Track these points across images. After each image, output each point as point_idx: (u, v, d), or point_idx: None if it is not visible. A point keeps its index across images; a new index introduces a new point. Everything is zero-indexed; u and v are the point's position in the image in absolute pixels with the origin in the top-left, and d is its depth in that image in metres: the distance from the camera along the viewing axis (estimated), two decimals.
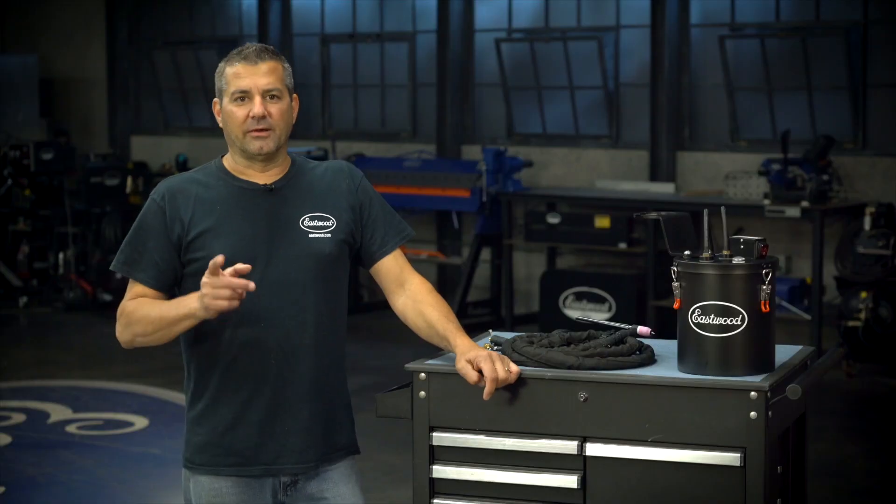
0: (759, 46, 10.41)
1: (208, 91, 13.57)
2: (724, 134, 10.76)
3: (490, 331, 3.52)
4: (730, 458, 3.03)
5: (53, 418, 8.16)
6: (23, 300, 12.29)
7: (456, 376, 3.23)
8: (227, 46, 13.35)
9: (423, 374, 3.26)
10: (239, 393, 3.38)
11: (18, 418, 8.15)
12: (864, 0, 10.07)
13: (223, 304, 3.18)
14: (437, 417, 3.25)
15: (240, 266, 3.17)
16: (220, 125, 3.44)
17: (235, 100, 3.37)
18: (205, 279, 3.18)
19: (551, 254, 11.03)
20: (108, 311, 11.61)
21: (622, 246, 10.43)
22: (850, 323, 9.05)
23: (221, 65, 3.41)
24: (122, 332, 3.39)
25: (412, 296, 3.46)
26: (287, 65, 3.45)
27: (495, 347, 3.38)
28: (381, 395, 3.34)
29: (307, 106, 12.83)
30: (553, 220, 10.59)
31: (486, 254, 11.21)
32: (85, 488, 6.82)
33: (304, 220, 3.41)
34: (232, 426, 3.39)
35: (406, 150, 12.01)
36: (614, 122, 11.27)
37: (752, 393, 3.01)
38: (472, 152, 11.69)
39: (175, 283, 3.42)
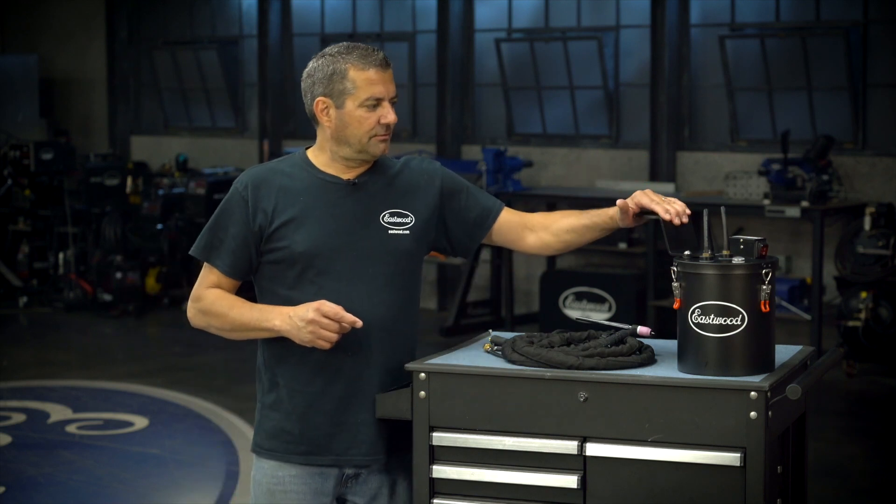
0: (759, 46, 10.41)
1: (208, 91, 13.57)
2: (724, 134, 10.75)
3: (490, 331, 3.52)
4: (730, 458, 3.03)
5: (53, 418, 8.15)
6: (23, 300, 12.28)
7: (456, 376, 3.23)
8: (227, 46, 13.36)
9: (423, 374, 3.26)
10: (312, 384, 3.41)
11: (18, 418, 8.15)
12: (864, 0, 10.07)
13: (324, 343, 3.28)
14: (437, 417, 3.25)
15: (351, 318, 3.26)
16: (326, 124, 3.41)
17: (368, 105, 3.37)
18: (314, 316, 3.25)
19: None
20: (108, 312, 11.63)
21: (622, 246, 10.42)
22: (850, 323, 9.05)
23: (340, 66, 3.37)
24: (196, 317, 3.45)
25: (540, 227, 3.59)
26: None
27: (495, 347, 3.38)
28: (381, 395, 3.34)
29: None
30: None
31: (486, 254, 11.21)
32: (85, 488, 6.81)
33: (384, 216, 3.44)
34: (304, 415, 3.41)
35: (406, 150, 11.99)
36: (614, 122, 11.27)
37: (752, 393, 3.01)
38: (472, 152, 11.68)
39: (250, 272, 3.45)
